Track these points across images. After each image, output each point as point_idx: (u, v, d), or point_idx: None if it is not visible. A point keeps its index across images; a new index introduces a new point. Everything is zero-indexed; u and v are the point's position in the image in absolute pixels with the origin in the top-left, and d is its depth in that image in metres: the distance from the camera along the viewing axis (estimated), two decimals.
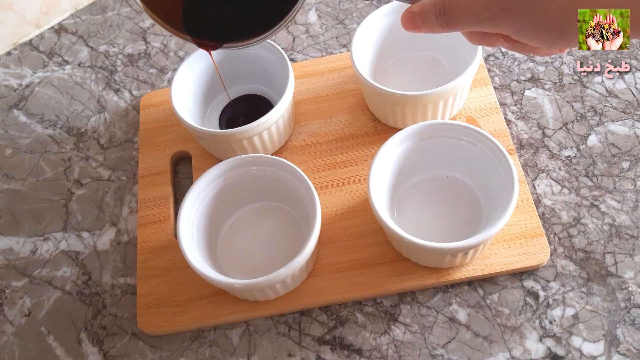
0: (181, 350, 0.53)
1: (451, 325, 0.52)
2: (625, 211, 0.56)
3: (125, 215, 0.62)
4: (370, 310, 0.54)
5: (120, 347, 0.54)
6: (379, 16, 0.61)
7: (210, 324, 0.54)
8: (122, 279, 0.58)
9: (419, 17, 0.39)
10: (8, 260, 0.60)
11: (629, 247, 0.54)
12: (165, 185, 0.62)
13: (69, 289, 0.58)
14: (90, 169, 0.65)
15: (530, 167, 0.59)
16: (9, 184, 0.65)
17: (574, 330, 0.51)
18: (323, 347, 0.52)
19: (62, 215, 0.62)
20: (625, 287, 0.52)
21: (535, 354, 0.50)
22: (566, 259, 0.54)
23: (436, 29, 0.38)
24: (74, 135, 0.68)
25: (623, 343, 0.50)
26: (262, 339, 0.53)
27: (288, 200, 0.57)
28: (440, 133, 0.54)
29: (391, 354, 0.51)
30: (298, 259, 0.49)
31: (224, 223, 0.58)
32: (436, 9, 0.37)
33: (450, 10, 0.37)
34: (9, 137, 0.69)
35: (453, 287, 0.54)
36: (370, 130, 0.62)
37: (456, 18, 0.37)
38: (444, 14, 0.37)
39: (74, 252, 0.60)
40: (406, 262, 0.54)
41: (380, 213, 0.50)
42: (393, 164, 0.55)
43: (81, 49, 0.76)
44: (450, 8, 0.37)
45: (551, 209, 0.57)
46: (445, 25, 0.37)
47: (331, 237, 0.56)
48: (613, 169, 0.58)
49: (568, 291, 0.52)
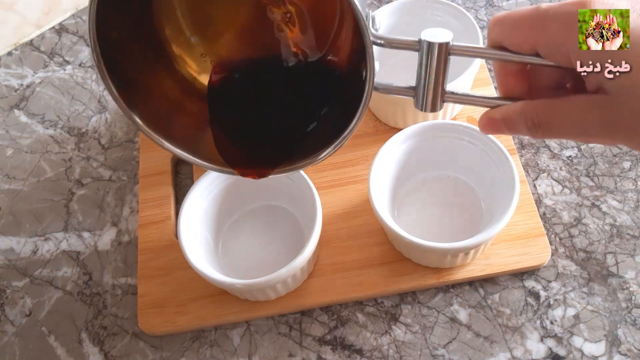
0: (182, 351, 0.53)
1: (452, 326, 0.52)
2: (626, 211, 0.56)
3: (126, 215, 0.62)
4: (371, 311, 0.53)
5: (121, 347, 0.54)
6: (381, 16, 0.61)
7: (211, 324, 0.54)
8: (123, 279, 0.58)
9: (504, 124, 0.35)
10: (9, 260, 0.60)
11: (630, 247, 0.54)
12: (166, 186, 0.62)
13: (70, 289, 0.58)
14: (91, 169, 0.65)
15: (531, 167, 0.59)
16: (10, 184, 0.65)
17: (575, 331, 0.51)
18: (324, 347, 0.52)
19: (63, 216, 0.62)
20: (626, 287, 0.52)
21: (536, 354, 0.50)
22: (567, 259, 0.54)
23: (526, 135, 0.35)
24: (75, 136, 0.68)
25: (624, 343, 0.50)
26: (263, 339, 0.53)
27: (289, 200, 0.57)
28: (441, 133, 0.54)
29: (392, 354, 0.51)
30: (299, 259, 0.49)
31: (225, 223, 0.58)
32: (527, 120, 0.34)
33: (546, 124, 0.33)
34: (9, 137, 0.69)
35: (454, 287, 0.54)
36: (371, 130, 0.62)
37: (554, 131, 0.33)
38: (539, 126, 0.34)
39: (74, 252, 0.60)
40: (407, 263, 0.54)
41: (380, 213, 0.50)
42: (394, 164, 0.55)
43: (82, 49, 0.76)
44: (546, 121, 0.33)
45: (552, 209, 0.56)
46: (540, 135, 0.34)
47: (332, 237, 0.56)
48: (614, 169, 0.58)
49: (569, 291, 0.52)
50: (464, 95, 0.38)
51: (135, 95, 0.41)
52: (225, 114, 0.45)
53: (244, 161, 0.45)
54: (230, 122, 0.45)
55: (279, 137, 0.45)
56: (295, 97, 0.45)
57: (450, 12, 0.60)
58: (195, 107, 0.45)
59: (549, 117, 0.33)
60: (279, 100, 0.46)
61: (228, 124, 0.45)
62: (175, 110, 0.45)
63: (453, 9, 0.59)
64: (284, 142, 0.45)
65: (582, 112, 0.32)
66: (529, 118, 0.34)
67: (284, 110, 0.45)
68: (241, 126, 0.46)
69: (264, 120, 0.46)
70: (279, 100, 0.46)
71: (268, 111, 0.46)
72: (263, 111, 0.46)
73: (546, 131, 0.33)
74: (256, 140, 0.45)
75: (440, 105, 0.38)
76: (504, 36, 0.34)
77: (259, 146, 0.45)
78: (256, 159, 0.45)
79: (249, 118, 0.46)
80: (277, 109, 0.46)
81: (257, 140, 0.45)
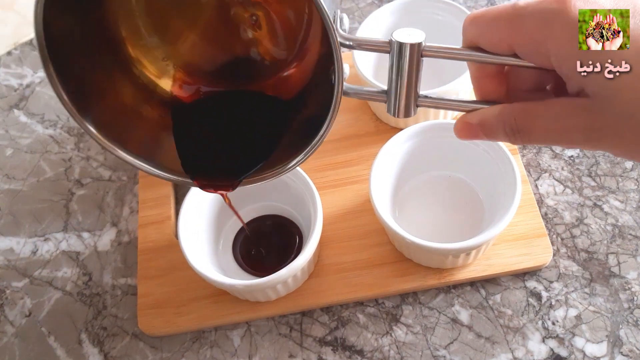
0: (182, 351, 0.53)
1: (453, 326, 0.52)
2: (628, 211, 0.55)
3: (125, 215, 0.61)
4: (371, 311, 0.53)
5: (120, 348, 0.54)
6: (382, 15, 0.61)
7: (211, 324, 0.54)
8: (123, 279, 0.58)
9: (480, 129, 0.33)
10: (8, 260, 0.60)
11: (632, 248, 0.53)
12: (166, 186, 0.61)
13: (70, 289, 0.58)
14: (91, 169, 0.65)
15: (532, 167, 0.59)
16: (10, 184, 0.65)
17: (577, 331, 0.50)
18: (324, 348, 0.52)
19: (63, 216, 0.62)
20: (628, 287, 0.52)
21: (538, 355, 0.50)
22: (569, 259, 0.54)
23: (504, 141, 0.34)
24: (75, 135, 0.68)
25: (626, 344, 0.49)
26: (263, 339, 0.53)
27: (289, 200, 0.57)
28: (443, 133, 0.54)
29: (393, 355, 0.51)
30: (299, 260, 0.49)
31: (225, 223, 0.58)
32: (505, 125, 0.32)
33: (525, 129, 0.31)
34: (9, 137, 0.69)
35: (455, 287, 0.54)
36: (371, 130, 0.62)
37: (534, 136, 0.31)
38: (518, 132, 0.32)
39: (74, 253, 0.60)
40: (408, 263, 0.54)
41: (381, 213, 0.49)
42: (395, 164, 0.55)
43: None
44: (525, 126, 0.31)
45: (554, 209, 0.56)
46: (519, 141, 0.32)
47: (332, 237, 0.56)
48: (616, 168, 0.58)
49: (571, 292, 0.52)
50: (439, 99, 0.36)
51: (88, 99, 0.38)
52: (188, 122, 0.43)
53: (207, 173, 0.42)
54: (193, 131, 0.43)
55: (245, 148, 0.43)
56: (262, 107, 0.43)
57: (451, 12, 0.59)
58: (155, 113, 0.43)
59: (529, 122, 0.31)
60: (245, 111, 0.44)
61: (191, 132, 0.43)
62: (132, 117, 0.42)
63: (454, 9, 0.59)
64: (251, 153, 0.42)
65: (564, 117, 0.30)
66: (507, 123, 0.32)
67: (251, 121, 0.43)
68: (205, 136, 0.43)
69: (229, 131, 0.44)
70: (245, 111, 0.44)
71: (234, 122, 0.44)
72: (228, 121, 0.44)
73: (525, 137, 0.32)
74: (221, 151, 0.43)
75: (414, 111, 0.36)
76: (479, 36, 0.32)
77: (223, 157, 0.43)
78: (220, 170, 0.43)
79: (214, 128, 0.44)
80: (243, 120, 0.44)
81: (221, 151, 0.43)
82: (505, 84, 0.35)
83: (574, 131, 0.30)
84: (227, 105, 0.44)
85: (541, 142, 0.32)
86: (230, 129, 0.43)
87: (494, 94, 0.35)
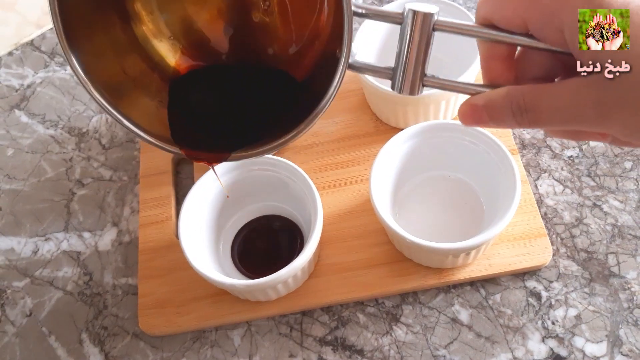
0: (182, 351, 0.53)
1: (453, 326, 0.52)
2: (627, 211, 0.55)
3: (126, 215, 0.61)
4: (372, 311, 0.53)
5: (121, 348, 0.54)
6: None
7: (212, 324, 0.54)
8: (124, 279, 0.58)
9: (486, 112, 0.32)
10: (9, 260, 0.60)
11: (632, 248, 0.54)
12: (167, 186, 0.61)
13: (71, 289, 0.58)
14: (92, 169, 0.65)
15: (532, 167, 0.59)
16: (11, 184, 0.65)
17: (577, 331, 0.50)
18: (325, 347, 0.52)
19: (64, 216, 0.62)
20: (628, 287, 0.52)
21: (538, 355, 0.50)
22: (569, 259, 0.54)
23: (511, 126, 0.32)
24: (76, 136, 0.68)
25: (626, 344, 0.49)
26: (263, 339, 0.53)
27: (289, 201, 0.57)
28: (442, 133, 0.54)
29: (393, 355, 0.51)
30: (300, 259, 0.49)
31: (226, 223, 0.58)
32: (513, 105, 0.31)
33: (534, 107, 0.30)
34: (10, 137, 0.69)
35: (455, 287, 0.54)
36: (371, 130, 0.62)
37: (543, 116, 0.30)
38: (526, 112, 0.30)
39: (75, 253, 0.60)
40: (408, 263, 0.54)
41: (381, 213, 0.50)
42: (395, 164, 0.55)
43: None
44: (533, 105, 0.30)
45: (553, 209, 0.56)
46: (527, 123, 0.31)
47: (333, 237, 0.56)
48: (615, 168, 0.58)
49: (570, 292, 0.52)
50: (446, 80, 0.35)
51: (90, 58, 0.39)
52: (185, 92, 0.43)
53: (196, 143, 0.41)
54: (189, 101, 0.43)
55: (241, 122, 0.42)
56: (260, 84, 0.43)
57: (451, 12, 0.59)
58: (154, 85, 0.42)
59: (538, 101, 0.30)
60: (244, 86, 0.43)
61: (187, 102, 0.42)
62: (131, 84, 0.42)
63: (454, 9, 0.59)
64: (245, 127, 0.42)
65: (574, 93, 0.29)
66: (515, 102, 0.31)
67: (253, 96, 0.43)
68: (201, 107, 0.43)
69: (227, 104, 0.43)
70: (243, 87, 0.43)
71: (230, 96, 0.43)
72: (225, 96, 0.43)
73: (533, 117, 0.31)
74: (215, 123, 0.43)
75: (420, 89, 0.35)
76: (493, 10, 0.31)
77: (217, 129, 0.42)
78: (211, 142, 0.42)
79: (212, 99, 0.43)
80: (240, 95, 0.43)
81: (216, 123, 0.43)
82: (514, 70, 0.34)
83: (584, 106, 0.29)
84: (229, 79, 0.43)
85: (550, 122, 0.31)
86: (229, 102, 0.43)
87: (502, 78, 0.34)
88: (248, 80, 0.43)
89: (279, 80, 0.42)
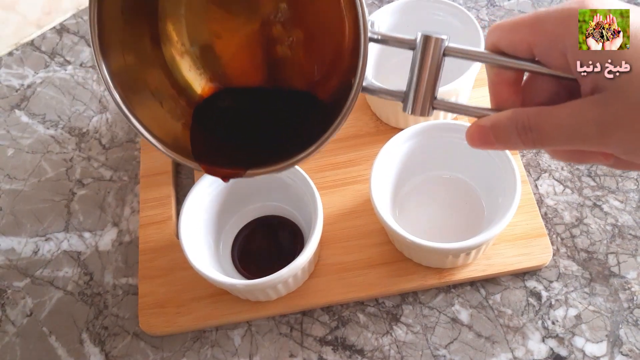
0: (183, 351, 0.53)
1: (453, 326, 0.52)
2: (628, 211, 0.55)
3: (127, 215, 0.62)
4: (372, 311, 0.53)
5: (122, 348, 0.54)
6: (382, 16, 0.61)
7: (212, 324, 0.54)
8: (124, 279, 0.58)
9: (492, 132, 0.33)
10: (10, 260, 0.60)
11: (632, 248, 0.54)
12: (167, 186, 0.62)
13: (71, 289, 0.58)
14: (92, 169, 0.65)
15: (532, 167, 0.59)
16: (11, 184, 0.65)
17: (577, 331, 0.50)
18: (325, 347, 0.52)
19: (64, 216, 0.62)
20: (628, 287, 0.52)
21: (538, 355, 0.50)
22: (569, 259, 0.54)
23: (516, 147, 0.33)
24: (76, 136, 0.68)
25: (626, 343, 0.49)
26: (263, 339, 0.53)
27: (289, 201, 0.57)
28: (443, 133, 0.54)
29: (393, 355, 0.51)
30: (300, 259, 0.49)
31: (226, 223, 0.58)
32: (518, 124, 0.32)
33: (538, 127, 0.31)
34: (10, 137, 0.69)
35: (455, 287, 0.54)
36: (372, 130, 0.62)
37: (547, 135, 0.31)
38: (530, 131, 0.32)
39: (75, 253, 0.60)
40: (408, 263, 0.54)
41: (382, 213, 0.50)
42: (395, 164, 0.55)
43: (83, 49, 0.76)
44: (537, 124, 0.31)
45: (554, 209, 0.56)
46: (531, 142, 0.32)
47: (333, 237, 0.56)
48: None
49: (571, 291, 0.52)
50: (454, 103, 0.37)
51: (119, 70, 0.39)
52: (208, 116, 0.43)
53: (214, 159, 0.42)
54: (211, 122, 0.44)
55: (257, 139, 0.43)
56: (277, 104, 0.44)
57: (451, 12, 0.60)
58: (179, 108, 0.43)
59: (542, 120, 0.31)
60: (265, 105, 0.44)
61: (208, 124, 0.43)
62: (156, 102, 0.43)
63: (454, 9, 0.59)
64: (262, 144, 0.43)
65: (577, 113, 0.30)
66: (520, 121, 0.32)
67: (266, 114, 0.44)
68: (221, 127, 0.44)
69: (244, 123, 0.44)
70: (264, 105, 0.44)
71: (250, 114, 0.44)
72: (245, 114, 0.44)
73: (537, 136, 0.32)
74: (233, 140, 0.44)
75: (430, 111, 0.37)
76: (502, 36, 0.33)
77: (234, 146, 0.43)
78: (230, 158, 0.43)
79: (230, 119, 0.44)
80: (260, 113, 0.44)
81: (234, 140, 0.44)
82: (521, 95, 0.36)
83: (586, 125, 0.30)
84: (250, 97, 0.45)
85: (554, 141, 0.32)
86: (249, 119, 0.44)
87: (509, 103, 0.35)
88: (269, 99, 0.44)
89: (302, 101, 0.43)
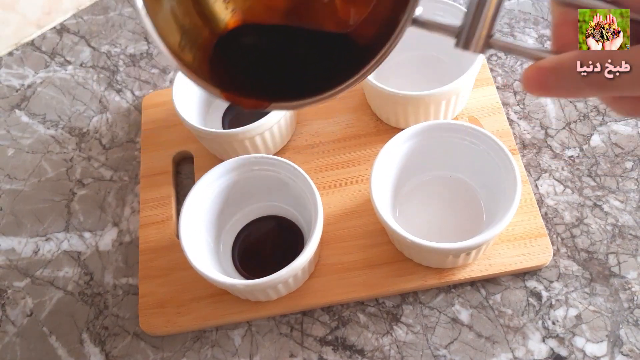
0: (183, 351, 0.53)
1: (453, 326, 0.52)
2: (628, 211, 0.55)
3: (127, 215, 0.62)
4: (372, 311, 0.53)
5: (122, 348, 0.54)
6: None
7: (212, 324, 0.54)
8: (124, 279, 0.58)
9: (554, 74, 0.29)
10: (10, 260, 0.60)
11: (632, 248, 0.54)
12: (167, 186, 0.62)
13: (71, 289, 0.58)
14: (92, 169, 0.65)
15: (532, 167, 0.59)
16: (11, 184, 0.65)
17: (577, 331, 0.50)
18: (325, 347, 0.52)
19: (64, 216, 0.62)
20: (628, 287, 0.52)
21: (538, 355, 0.50)
22: (569, 259, 0.54)
23: (578, 92, 0.29)
24: (76, 136, 0.68)
25: (626, 344, 0.49)
26: (264, 339, 0.53)
27: (290, 201, 0.57)
28: (443, 133, 0.54)
29: (393, 355, 0.51)
30: (300, 259, 0.49)
31: (227, 223, 0.58)
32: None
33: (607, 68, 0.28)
34: (10, 137, 0.69)
35: (455, 287, 0.54)
36: (372, 130, 0.62)
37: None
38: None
39: (75, 253, 0.60)
40: (408, 263, 0.54)
41: (382, 213, 0.50)
42: (395, 164, 0.55)
43: (83, 49, 0.76)
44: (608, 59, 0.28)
45: (554, 209, 0.56)
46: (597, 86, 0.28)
47: (333, 237, 0.56)
48: (616, 168, 0.58)
49: (571, 292, 0.52)
50: (512, 43, 0.33)
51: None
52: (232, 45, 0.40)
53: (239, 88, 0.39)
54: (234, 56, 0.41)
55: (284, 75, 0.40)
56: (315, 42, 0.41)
57: (451, 12, 0.59)
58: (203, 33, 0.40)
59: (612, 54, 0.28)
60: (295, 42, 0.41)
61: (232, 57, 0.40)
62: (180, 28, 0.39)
63: (454, 9, 0.59)
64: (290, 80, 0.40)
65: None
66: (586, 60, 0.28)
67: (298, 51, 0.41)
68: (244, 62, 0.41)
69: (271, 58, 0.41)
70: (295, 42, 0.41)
71: (279, 50, 0.41)
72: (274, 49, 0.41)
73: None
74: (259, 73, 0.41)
75: (485, 49, 0.33)
76: None
77: (259, 79, 0.41)
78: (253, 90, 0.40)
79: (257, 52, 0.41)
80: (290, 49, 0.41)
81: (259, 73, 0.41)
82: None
83: None
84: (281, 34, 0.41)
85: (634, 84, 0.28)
86: (277, 55, 0.41)
87: (573, 46, 0.31)
88: (301, 37, 0.41)
89: (336, 42, 0.40)
